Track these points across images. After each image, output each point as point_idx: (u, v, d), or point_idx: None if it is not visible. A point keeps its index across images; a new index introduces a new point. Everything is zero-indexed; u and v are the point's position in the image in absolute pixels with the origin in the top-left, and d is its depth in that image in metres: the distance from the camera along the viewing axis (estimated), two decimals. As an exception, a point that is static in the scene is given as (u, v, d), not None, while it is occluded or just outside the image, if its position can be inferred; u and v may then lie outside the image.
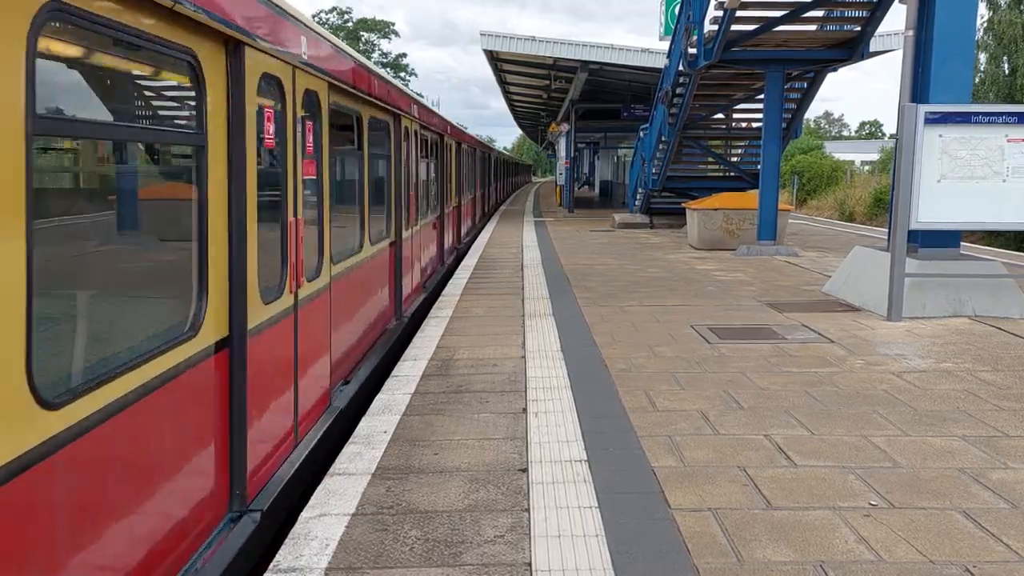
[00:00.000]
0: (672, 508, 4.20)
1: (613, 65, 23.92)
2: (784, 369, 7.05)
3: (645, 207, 22.81)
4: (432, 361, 7.33)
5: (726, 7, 13.81)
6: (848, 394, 6.29)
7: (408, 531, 3.94)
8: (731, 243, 16.62)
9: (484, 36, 24.15)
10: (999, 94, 32.51)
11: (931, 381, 6.69)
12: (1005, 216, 9.30)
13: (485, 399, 6.15)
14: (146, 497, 3.14)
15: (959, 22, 9.59)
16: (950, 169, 9.16)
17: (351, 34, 77.56)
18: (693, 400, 6.12)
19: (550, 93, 32.76)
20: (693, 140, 20.51)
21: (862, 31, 14.87)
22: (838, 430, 5.44)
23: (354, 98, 6.74)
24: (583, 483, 4.52)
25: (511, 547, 3.78)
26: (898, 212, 9.18)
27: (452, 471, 4.71)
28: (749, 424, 5.56)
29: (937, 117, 9.09)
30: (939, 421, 5.65)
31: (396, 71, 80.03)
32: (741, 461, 4.87)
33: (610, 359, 7.35)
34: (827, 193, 39.31)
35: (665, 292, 11.27)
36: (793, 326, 8.88)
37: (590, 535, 3.89)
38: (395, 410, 5.88)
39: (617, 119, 31.22)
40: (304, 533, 3.93)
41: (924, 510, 4.20)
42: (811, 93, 17.77)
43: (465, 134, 16.37)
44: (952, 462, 4.89)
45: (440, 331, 8.64)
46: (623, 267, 14.06)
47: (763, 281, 12.34)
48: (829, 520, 4.07)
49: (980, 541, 3.86)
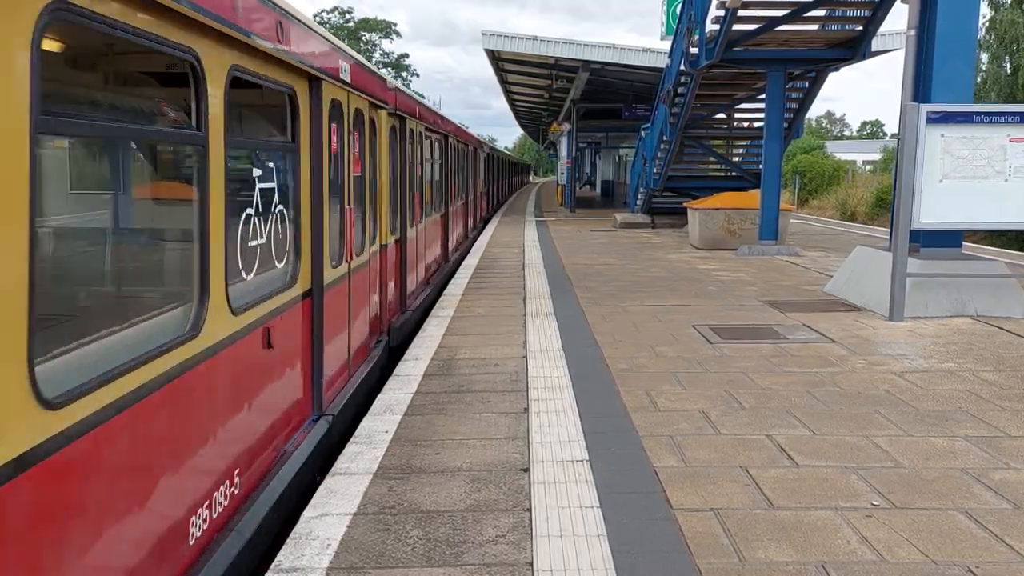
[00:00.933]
0: (674, 508, 4.20)
1: (614, 65, 23.91)
2: (786, 369, 7.05)
3: (646, 207, 22.81)
4: (434, 361, 7.33)
5: (728, 7, 13.80)
6: (850, 394, 6.28)
7: (410, 531, 3.94)
8: (732, 243, 16.61)
9: (486, 36, 24.15)
10: (1001, 94, 32.46)
11: (933, 381, 6.68)
12: (1007, 216, 9.29)
13: (487, 399, 6.15)
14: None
15: (961, 22, 9.58)
16: (952, 169, 9.15)
17: (352, 34, 77.53)
18: (695, 400, 6.11)
19: (551, 93, 32.75)
20: (695, 140, 20.51)
21: (864, 30, 14.86)
22: (840, 430, 5.44)
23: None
24: (585, 483, 4.52)
25: (513, 547, 3.77)
26: (900, 212, 9.17)
27: (454, 471, 4.71)
28: (751, 424, 5.56)
29: (939, 117, 9.08)
30: (941, 421, 5.65)
31: (398, 71, 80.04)
32: (743, 461, 4.87)
33: (611, 359, 7.35)
34: (829, 193, 39.28)
35: (666, 292, 11.27)
36: (795, 326, 8.87)
37: (592, 535, 3.89)
38: (397, 410, 5.88)
39: (618, 119, 31.24)
40: (305, 533, 3.93)
41: (926, 510, 4.20)
42: (813, 93, 17.76)
43: (425, 109, 12.27)
44: (954, 462, 4.88)
45: (442, 331, 8.64)
46: (624, 267, 14.05)
47: (764, 281, 12.34)
48: (831, 520, 4.07)
49: (982, 541, 3.85)
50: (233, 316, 3.95)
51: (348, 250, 6.35)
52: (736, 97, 19.89)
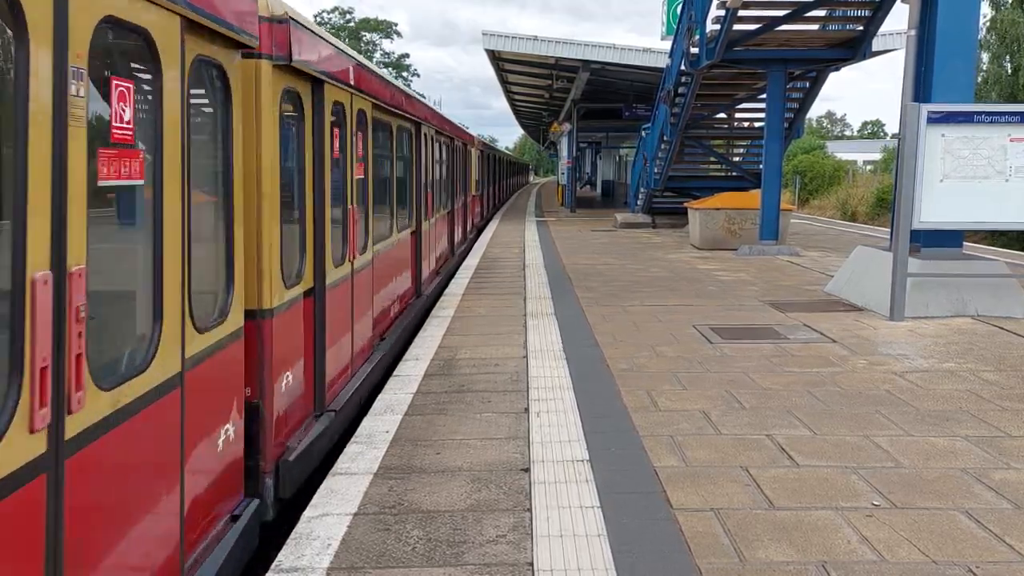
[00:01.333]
0: (674, 508, 4.20)
1: (615, 65, 23.90)
2: (786, 369, 7.04)
3: (647, 207, 22.80)
4: (434, 361, 7.33)
5: (728, 7, 13.79)
6: (850, 394, 6.28)
7: (410, 531, 3.94)
8: (733, 243, 16.61)
9: (486, 36, 24.15)
10: (1002, 93, 32.42)
11: (933, 381, 6.68)
12: (1008, 216, 9.29)
13: (487, 399, 6.15)
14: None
15: (961, 22, 9.58)
16: (952, 169, 9.14)
17: (352, 34, 77.51)
18: (695, 400, 6.11)
19: (552, 93, 32.74)
20: (695, 140, 20.51)
21: (864, 30, 14.86)
22: (840, 430, 5.43)
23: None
24: (585, 483, 4.52)
25: (513, 547, 3.77)
26: (900, 212, 9.17)
27: (454, 471, 4.71)
28: (751, 424, 5.56)
29: (939, 117, 9.07)
30: (942, 421, 5.65)
31: (398, 71, 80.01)
32: (743, 461, 4.87)
33: (612, 359, 7.35)
34: (829, 193, 39.26)
35: (667, 292, 11.27)
36: (795, 326, 8.87)
37: (592, 535, 3.89)
38: (397, 410, 5.88)
39: (619, 119, 31.23)
40: (306, 533, 3.93)
41: (927, 510, 4.19)
42: (813, 93, 17.76)
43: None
44: (955, 462, 4.88)
45: (442, 331, 8.64)
46: (625, 267, 14.05)
47: (765, 281, 12.34)
48: (831, 520, 4.07)
49: (983, 541, 3.85)
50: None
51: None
52: (737, 97, 19.89)
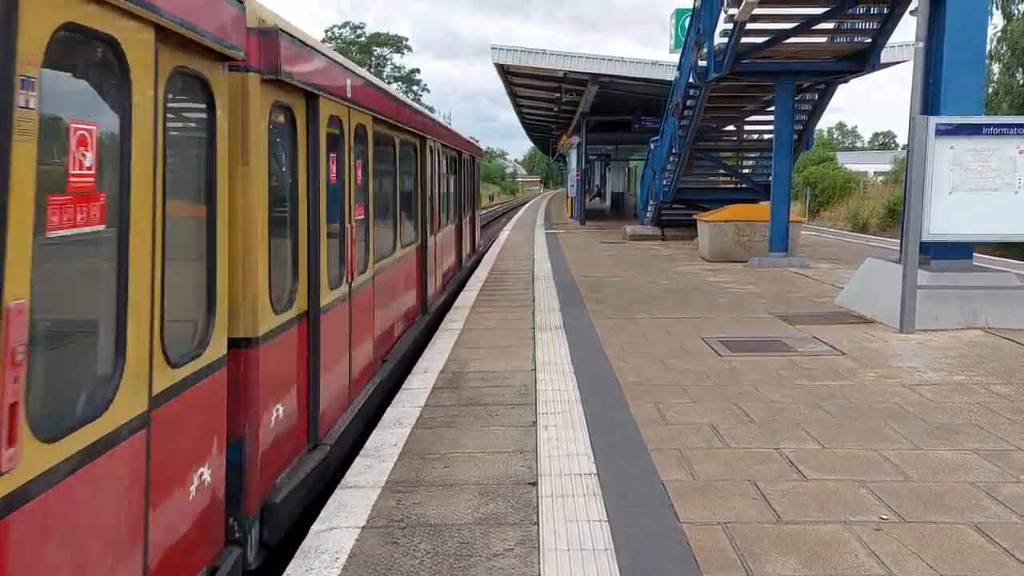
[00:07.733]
0: (682, 522, 4.20)
1: (623, 78, 23.98)
2: (796, 382, 7.03)
3: (656, 219, 22.79)
4: (443, 374, 7.35)
5: (736, 19, 13.83)
6: (860, 407, 6.26)
7: (418, 544, 3.96)
8: (743, 255, 16.58)
9: (495, 50, 24.30)
10: (1013, 104, 32.34)
11: (943, 394, 6.65)
12: (1018, 228, 9.26)
13: (495, 412, 6.16)
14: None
15: (970, 33, 9.58)
16: (962, 181, 9.13)
17: (363, 48, 78.06)
18: (704, 413, 6.11)
19: (561, 106, 32.84)
20: (704, 152, 20.51)
21: (873, 42, 14.87)
22: (849, 443, 5.42)
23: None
24: (593, 496, 4.52)
25: (520, 561, 3.78)
26: (909, 224, 9.15)
27: (462, 484, 4.72)
28: (760, 437, 5.55)
29: (948, 129, 9.07)
30: (951, 434, 5.62)
31: (408, 86, 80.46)
32: (752, 474, 4.86)
33: (621, 372, 7.35)
34: (840, 204, 39.13)
35: (676, 304, 11.26)
36: (805, 338, 8.85)
37: (599, 549, 3.90)
38: (405, 423, 5.90)
39: (628, 131, 31.29)
40: (314, 546, 3.95)
41: (935, 524, 4.18)
42: (822, 104, 17.76)
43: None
44: (964, 476, 4.86)
45: (451, 343, 8.67)
46: (634, 279, 14.05)
47: (775, 293, 12.31)
48: (839, 534, 4.06)
49: (992, 556, 3.83)
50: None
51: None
52: (745, 109, 19.90)
